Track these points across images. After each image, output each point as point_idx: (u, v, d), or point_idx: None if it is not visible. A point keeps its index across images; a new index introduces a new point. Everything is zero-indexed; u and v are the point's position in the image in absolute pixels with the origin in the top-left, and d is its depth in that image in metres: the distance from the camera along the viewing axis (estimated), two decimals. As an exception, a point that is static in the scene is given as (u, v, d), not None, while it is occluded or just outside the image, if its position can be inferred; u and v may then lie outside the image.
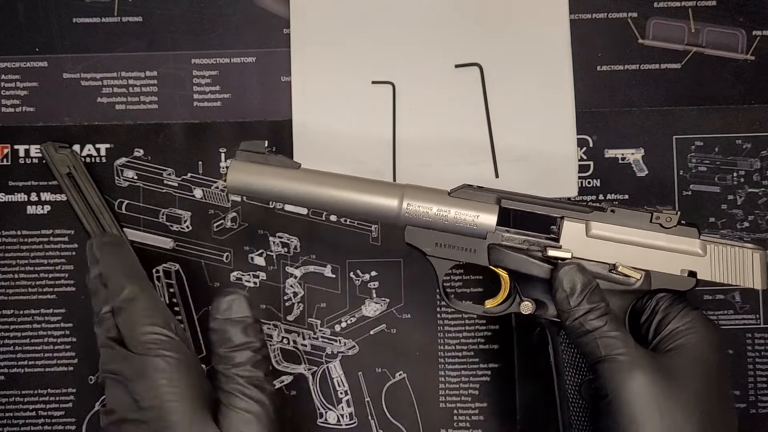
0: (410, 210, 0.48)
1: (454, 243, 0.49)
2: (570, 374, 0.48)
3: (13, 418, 0.60)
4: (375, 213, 0.48)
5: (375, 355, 0.61)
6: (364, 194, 0.48)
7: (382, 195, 0.48)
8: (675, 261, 0.47)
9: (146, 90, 0.63)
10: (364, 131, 0.61)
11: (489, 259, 0.48)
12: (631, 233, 0.48)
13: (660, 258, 0.47)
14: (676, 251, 0.47)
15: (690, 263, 0.47)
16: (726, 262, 0.47)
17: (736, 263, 0.47)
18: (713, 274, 0.47)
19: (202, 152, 0.62)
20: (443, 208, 0.48)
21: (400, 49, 0.62)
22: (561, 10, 0.62)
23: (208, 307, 0.61)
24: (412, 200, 0.48)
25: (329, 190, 0.49)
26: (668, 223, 0.47)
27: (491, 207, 0.48)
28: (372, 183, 0.49)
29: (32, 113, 0.62)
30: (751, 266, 0.47)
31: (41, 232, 0.61)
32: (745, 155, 0.61)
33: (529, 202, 0.49)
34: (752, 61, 0.62)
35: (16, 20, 0.63)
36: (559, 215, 0.49)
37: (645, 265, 0.47)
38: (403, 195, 0.48)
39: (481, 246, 0.48)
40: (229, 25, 0.63)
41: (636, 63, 0.63)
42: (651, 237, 0.47)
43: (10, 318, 0.61)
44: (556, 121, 0.61)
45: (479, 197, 0.48)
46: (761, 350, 0.60)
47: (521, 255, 0.48)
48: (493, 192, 0.49)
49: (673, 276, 0.47)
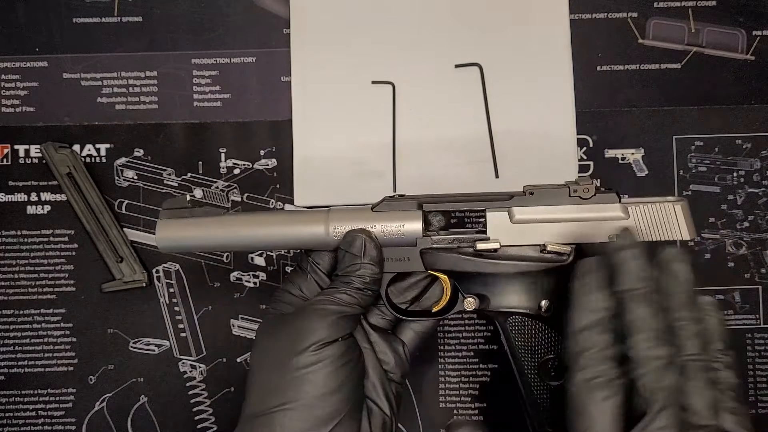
0: (338, 232, 0.48)
1: (388, 256, 0.49)
2: (526, 358, 0.49)
3: (13, 418, 0.60)
4: (305, 242, 0.49)
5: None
6: (290, 226, 0.48)
7: (307, 224, 0.48)
8: (601, 229, 0.47)
9: (146, 90, 0.63)
10: (364, 131, 0.61)
11: (424, 265, 0.49)
12: (552, 211, 0.48)
13: (586, 229, 0.47)
14: (600, 219, 0.47)
15: (616, 228, 0.47)
16: (651, 220, 0.47)
17: (661, 219, 0.47)
18: (640, 234, 0.47)
19: (202, 152, 0.62)
20: (369, 225, 0.48)
21: (400, 49, 0.62)
22: (561, 10, 0.62)
23: (209, 307, 0.61)
24: (337, 223, 0.48)
25: (256, 228, 0.49)
26: (586, 193, 0.48)
27: (414, 213, 0.48)
28: (296, 214, 0.50)
29: (32, 113, 0.62)
30: (676, 219, 0.47)
31: (41, 232, 0.61)
32: (745, 155, 0.61)
33: (450, 201, 0.49)
34: (752, 61, 0.62)
35: (16, 20, 0.63)
36: (482, 208, 0.49)
37: (573, 239, 0.48)
38: (327, 219, 0.48)
39: (414, 253, 0.49)
40: (229, 25, 0.63)
41: (636, 63, 0.63)
42: (573, 211, 0.48)
43: (10, 318, 0.61)
44: (556, 121, 0.61)
45: (401, 206, 0.49)
46: (761, 350, 0.60)
47: (453, 254, 0.48)
48: (413, 198, 0.49)
49: (602, 244, 0.47)
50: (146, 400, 0.60)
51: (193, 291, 0.61)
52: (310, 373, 0.43)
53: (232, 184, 0.62)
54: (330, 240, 0.48)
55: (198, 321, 0.61)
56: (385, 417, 0.47)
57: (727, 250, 0.61)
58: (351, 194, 0.61)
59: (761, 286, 0.61)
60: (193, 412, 0.60)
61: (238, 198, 0.61)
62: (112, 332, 0.61)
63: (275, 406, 0.43)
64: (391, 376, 0.49)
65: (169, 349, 0.61)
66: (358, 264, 0.46)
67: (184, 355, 0.61)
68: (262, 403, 0.44)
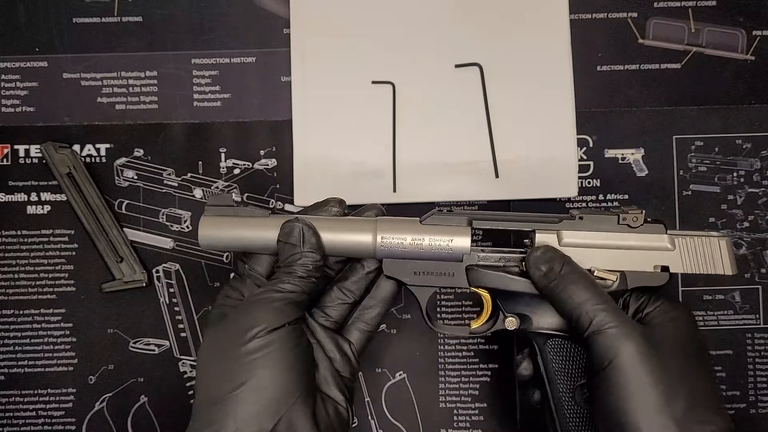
0: (385, 243, 0.48)
1: (432, 269, 0.49)
2: (562, 381, 0.48)
3: (13, 418, 0.60)
4: (351, 250, 0.49)
5: (375, 355, 0.61)
6: (337, 233, 0.48)
7: (355, 232, 0.48)
8: (647, 258, 0.48)
9: (146, 90, 0.63)
10: (364, 131, 0.61)
11: (468, 281, 0.49)
12: (601, 237, 0.48)
13: (632, 257, 0.48)
14: (647, 249, 0.48)
15: (661, 258, 0.48)
16: (695, 253, 0.48)
17: (705, 252, 0.48)
18: (684, 265, 0.48)
19: (202, 152, 0.62)
20: (417, 237, 0.48)
21: (400, 49, 0.62)
22: (561, 10, 0.62)
23: (209, 307, 0.61)
24: (385, 233, 0.48)
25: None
26: (635, 222, 0.48)
27: (464, 229, 0.48)
28: (344, 221, 0.49)
29: (32, 113, 0.62)
30: (720, 254, 0.48)
31: (41, 232, 0.61)
32: (745, 155, 0.61)
33: (500, 220, 0.49)
34: (752, 61, 0.62)
35: (16, 20, 0.63)
36: (530, 229, 0.49)
37: (619, 266, 0.48)
38: (375, 229, 0.48)
39: (459, 269, 0.49)
40: (229, 25, 0.63)
41: (636, 63, 0.63)
42: (621, 238, 0.48)
43: (10, 318, 0.61)
44: (556, 121, 0.61)
45: (450, 221, 0.49)
46: (761, 350, 0.60)
47: (499, 272, 0.48)
48: (463, 214, 0.49)
49: (647, 273, 0.48)
50: (146, 400, 0.60)
51: (193, 291, 0.61)
52: (260, 357, 0.43)
53: (232, 184, 0.62)
54: (377, 249, 0.48)
55: (198, 321, 0.61)
56: (339, 407, 0.47)
57: (727, 250, 0.61)
58: (351, 194, 0.61)
59: (761, 286, 0.61)
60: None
61: (238, 198, 0.61)
62: (112, 332, 0.61)
63: (229, 391, 0.43)
64: (342, 373, 0.49)
65: (169, 349, 0.61)
66: (298, 253, 0.46)
67: (184, 355, 0.61)
68: (215, 390, 0.44)
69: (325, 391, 0.47)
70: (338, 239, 0.48)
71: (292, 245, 0.46)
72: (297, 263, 0.46)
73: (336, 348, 0.49)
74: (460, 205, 0.61)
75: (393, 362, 0.61)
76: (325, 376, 0.48)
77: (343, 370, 0.49)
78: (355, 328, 0.50)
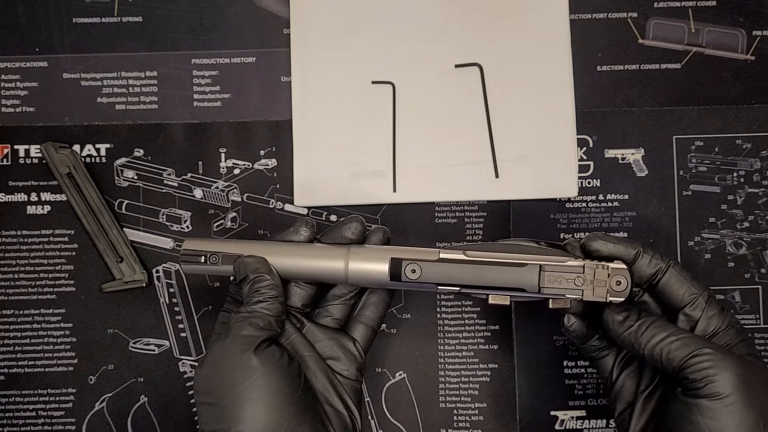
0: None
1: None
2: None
3: (13, 418, 0.60)
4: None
5: (375, 355, 0.61)
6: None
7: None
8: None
9: (146, 90, 0.63)
10: (364, 131, 0.61)
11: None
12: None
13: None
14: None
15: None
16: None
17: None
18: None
19: (202, 152, 0.62)
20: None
21: (400, 49, 0.62)
22: (561, 10, 0.62)
23: (208, 307, 0.61)
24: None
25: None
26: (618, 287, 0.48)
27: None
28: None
29: (32, 113, 0.62)
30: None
31: (41, 232, 0.61)
32: (745, 155, 0.61)
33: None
34: (752, 61, 0.62)
35: (16, 20, 0.63)
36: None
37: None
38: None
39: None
40: (229, 25, 0.63)
41: (636, 63, 0.63)
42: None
43: (10, 318, 0.61)
44: (556, 121, 0.61)
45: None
46: (761, 350, 0.60)
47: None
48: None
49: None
50: (146, 400, 0.60)
51: (193, 291, 0.61)
52: (246, 388, 0.44)
53: (232, 184, 0.62)
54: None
55: (198, 321, 0.61)
56: (342, 416, 0.48)
57: (727, 250, 0.61)
58: (351, 194, 0.61)
59: (761, 286, 0.61)
60: (193, 412, 0.60)
61: (238, 198, 0.61)
62: (112, 332, 0.61)
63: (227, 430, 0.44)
64: (345, 374, 0.49)
65: (169, 349, 0.61)
66: (250, 281, 0.48)
67: (184, 355, 0.61)
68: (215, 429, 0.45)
69: (327, 400, 0.48)
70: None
71: (243, 279, 0.48)
72: (253, 292, 0.47)
73: (338, 347, 0.49)
74: (460, 205, 0.61)
75: (393, 362, 0.61)
76: (324, 385, 0.48)
77: (347, 370, 0.49)
78: (359, 323, 0.51)
